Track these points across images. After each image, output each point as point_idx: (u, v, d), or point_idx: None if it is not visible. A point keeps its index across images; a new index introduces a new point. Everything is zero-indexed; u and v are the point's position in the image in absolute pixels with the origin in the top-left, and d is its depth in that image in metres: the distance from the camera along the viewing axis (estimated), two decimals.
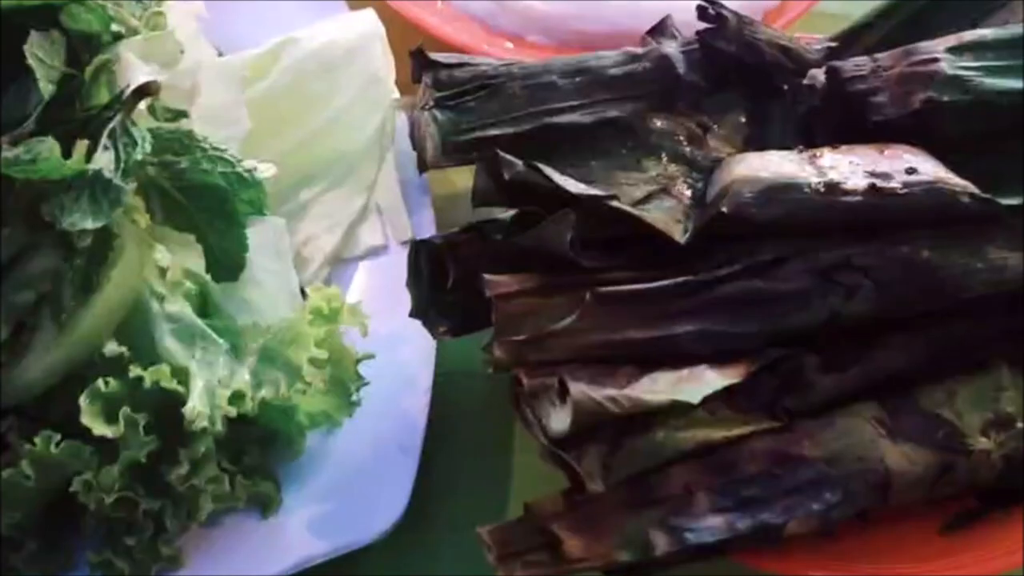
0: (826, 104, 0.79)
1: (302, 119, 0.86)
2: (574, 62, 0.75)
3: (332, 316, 0.69)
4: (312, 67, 0.86)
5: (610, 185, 0.74)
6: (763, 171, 0.74)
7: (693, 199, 0.76)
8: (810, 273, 0.72)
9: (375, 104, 0.87)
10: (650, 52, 0.76)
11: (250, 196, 0.73)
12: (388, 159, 0.87)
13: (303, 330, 0.67)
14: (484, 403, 0.81)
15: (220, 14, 0.90)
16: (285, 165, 0.85)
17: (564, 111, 0.74)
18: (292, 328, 0.68)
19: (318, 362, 0.68)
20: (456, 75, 0.74)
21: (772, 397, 0.72)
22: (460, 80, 0.74)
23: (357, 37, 0.87)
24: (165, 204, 0.72)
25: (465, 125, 0.72)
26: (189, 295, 0.75)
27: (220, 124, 0.78)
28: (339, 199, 0.86)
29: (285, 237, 0.74)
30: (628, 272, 0.72)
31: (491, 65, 0.75)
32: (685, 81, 0.76)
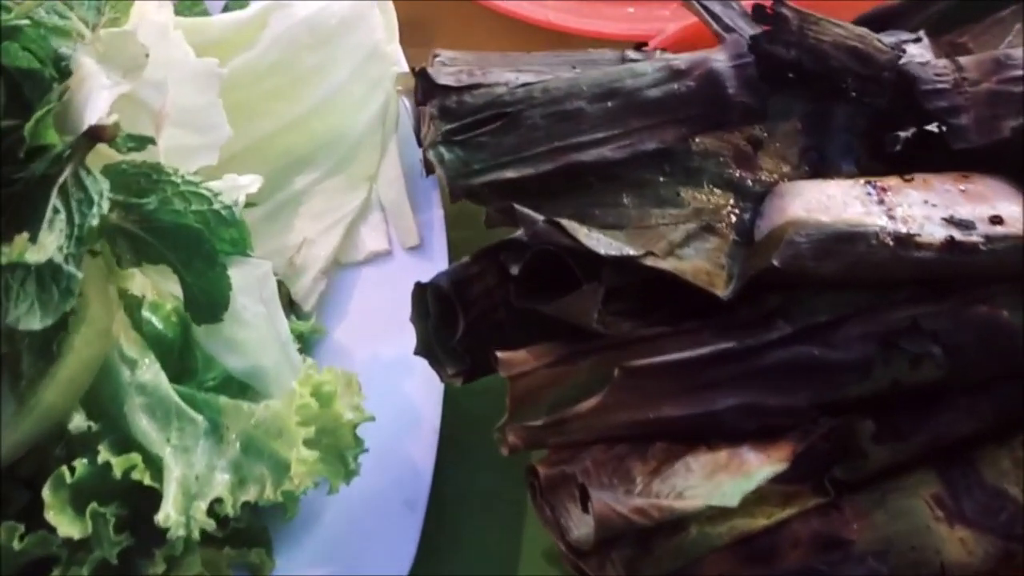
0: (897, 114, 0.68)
1: (293, 95, 0.76)
2: (605, 82, 0.64)
3: (325, 401, 0.61)
4: (303, 37, 0.75)
5: (644, 228, 0.64)
6: (822, 213, 0.63)
7: (739, 234, 0.66)
8: (871, 338, 0.63)
9: (376, 82, 0.76)
10: (694, 68, 0.64)
11: (231, 235, 0.64)
12: (391, 147, 0.76)
13: (290, 425, 0.59)
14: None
15: None
16: (275, 145, 0.76)
17: (592, 145, 0.63)
18: (279, 419, 0.60)
19: (309, 443, 0.60)
20: (467, 102, 0.63)
21: (820, 466, 0.64)
22: (471, 108, 0.63)
23: (353, 3, 0.75)
24: (133, 247, 0.63)
25: (477, 165, 0.62)
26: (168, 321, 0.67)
27: (196, 130, 0.68)
28: (337, 190, 0.76)
29: (271, 282, 0.65)
30: (662, 328, 0.63)
31: (508, 87, 0.63)
32: (736, 102, 0.64)
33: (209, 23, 0.76)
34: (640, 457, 0.62)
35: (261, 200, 0.77)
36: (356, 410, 0.61)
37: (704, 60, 0.64)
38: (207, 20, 0.76)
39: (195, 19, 0.77)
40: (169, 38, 0.65)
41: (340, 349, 0.73)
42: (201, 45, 0.75)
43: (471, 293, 0.65)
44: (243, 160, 0.75)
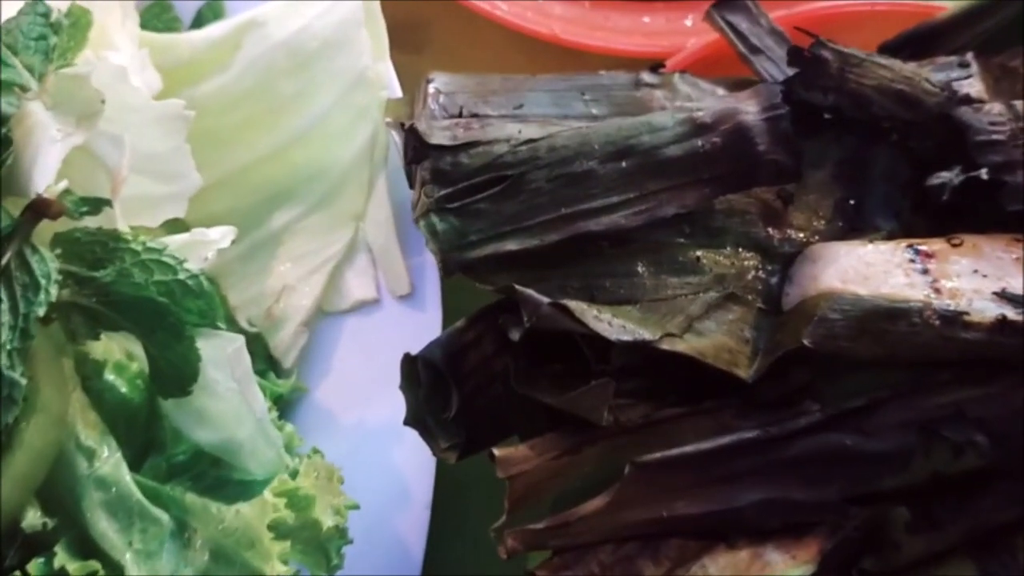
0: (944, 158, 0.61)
1: (270, 125, 0.69)
2: (619, 139, 0.57)
3: (302, 507, 0.54)
4: (281, 61, 0.67)
5: (660, 300, 0.57)
6: (860, 284, 0.57)
7: (766, 301, 0.60)
8: (910, 426, 0.56)
9: (362, 111, 0.68)
10: (720, 122, 0.57)
11: (198, 306, 0.57)
12: (379, 184, 0.69)
13: (263, 537, 0.53)
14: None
15: None
16: (251, 178, 0.69)
17: (604, 211, 0.56)
18: (250, 529, 0.53)
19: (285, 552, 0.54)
20: (463, 163, 0.56)
21: (849, 558, 0.58)
22: (468, 170, 0.56)
23: (337, 24, 0.67)
24: (89, 321, 0.56)
25: (474, 235, 0.55)
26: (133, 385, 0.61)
27: (162, 178, 0.61)
28: (320, 229, 0.69)
29: (244, 359, 0.58)
30: (678, 409, 0.57)
31: (509, 145, 0.56)
32: (767, 160, 0.57)
33: (178, 41, 0.68)
34: (651, 557, 0.56)
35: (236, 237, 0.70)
36: (338, 514, 0.55)
37: (731, 112, 0.57)
38: (176, 38, 0.69)
39: (163, 37, 0.69)
40: (128, 81, 0.58)
41: (323, 411, 0.67)
42: (169, 67, 0.68)
43: (466, 364, 0.59)
44: (215, 193, 0.68)
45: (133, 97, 0.59)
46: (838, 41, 0.71)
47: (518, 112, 0.64)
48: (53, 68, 0.54)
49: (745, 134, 0.57)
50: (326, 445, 0.65)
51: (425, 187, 0.55)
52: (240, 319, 0.67)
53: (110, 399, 0.60)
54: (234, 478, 0.61)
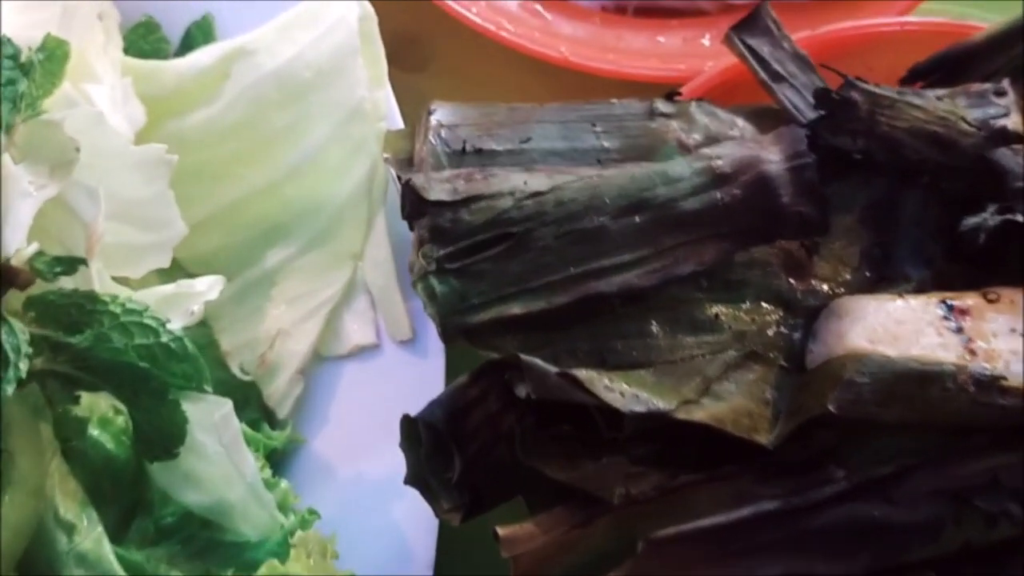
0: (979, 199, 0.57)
1: (262, 159, 0.65)
2: (632, 191, 0.53)
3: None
4: (272, 93, 0.63)
5: (676, 362, 0.53)
6: (889, 344, 0.53)
7: (788, 358, 0.56)
8: (942, 496, 0.53)
9: (359, 145, 0.64)
10: (741, 172, 0.53)
11: (183, 370, 0.53)
12: (378, 222, 0.65)
13: None
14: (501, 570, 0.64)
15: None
16: (242, 214, 0.66)
17: (616, 270, 0.52)
18: None
19: None
20: (464, 220, 0.52)
21: None
22: (469, 228, 0.52)
23: (332, 52, 0.63)
24: (66, 386, 0.53)
25: (476, 298, 0.51)
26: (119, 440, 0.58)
27: (144, 227, 0.57)
28: (316, 269, 0.65)
29: (232, 424, 0.54)
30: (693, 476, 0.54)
31: (514, 198, 0.52)
32: (791, 212, 0.53)
33: (163, 69, 0.64)
34: None
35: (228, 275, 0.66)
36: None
37: (753, 161, 0.53)
38: (161, 66, 0.65)
39: (148, 64, 0.65)
40: (105, 125, 0.54)
41: (319, 462, 0.63)
42: (154, 96, 0.64)
43: (469, 423, 0.56)
44: (204, 231, 0.64)
45: (111, 141, 0.55)
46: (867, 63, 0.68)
47: (525, 146, 0.61)
48: (22, 118, 0.51)
49: (768, 185, 0.53)
50: (323, 500, 0.62)
51: (424, 247, 0.51)
52: (232, 365, 0.64)
53: (94, 457, 0.57)
54: (226, 540, 0.58)
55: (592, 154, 0.61)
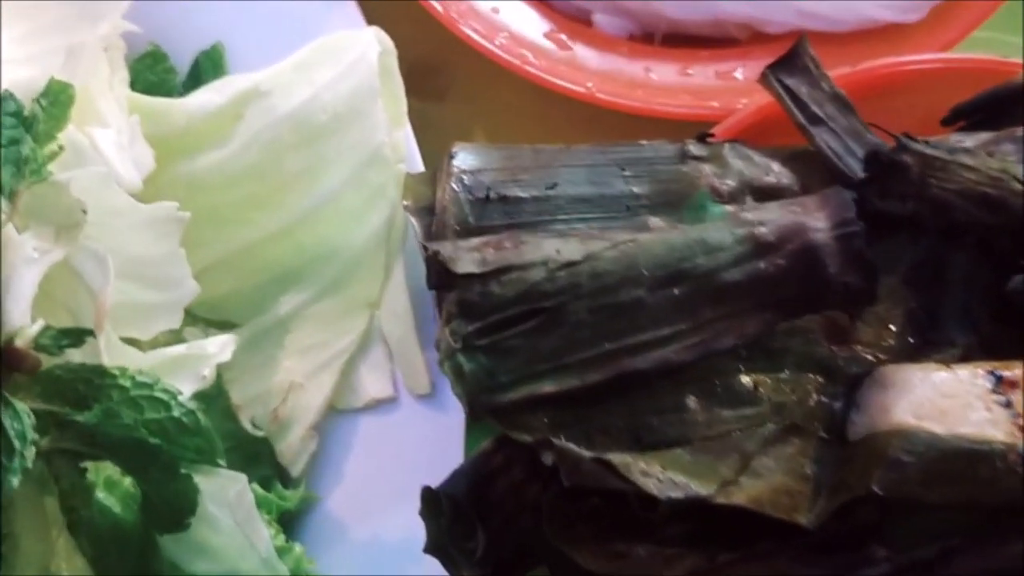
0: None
1: (275, 203, 0.62)
2: (671, 262, 0.50)
3: None
4: (287, 135, 0.60)
5: (713, 439, 0.51)
6: (936, 421, 0.50)
7: (828, 429, 0.53)
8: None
9: (378, 190, 0.61)
10: (786, 240, 0.50)
11: (195, 444, 0.51)
12: (397, 271, 0.62)
13: None
14: None
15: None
16: (254, 258, 0.63)
17: (653, 346, 0.49)
18: None
19: None
20: (494, 293, 0.49)
21: None
22: (499, 301, 0.49)
23: (350, 94, 0.60)
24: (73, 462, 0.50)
25: (506, 376, 0.48)
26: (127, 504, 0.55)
27: (154, 286, 0.55)
28: (331, 317, 0.63)
29: (247, 499, 0.52)
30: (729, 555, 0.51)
31: (547, 269, 0.49)
32: (837, 283, 0.50)
33: (172, 108, 0.61)
34: None
35: (239, 321, 0.64)
36: None
37: (798, 229, 0.50)
38: (170, 105, 0.62)
39: (156, 102, 0.62)
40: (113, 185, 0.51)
41: (334, 522, 0.61)
42: (163, 137, 0.61)
43: (493, 493, 0.53)
44: (214, 275, 0.62)
45: (120, 200, 0.52)
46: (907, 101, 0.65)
47: (551, 193, 0.58)
48: (26, 184, 0.48)
49: (814, 255, 0.50)
50: (338, 562, 0.59)
51: (451, 323, 0.48)
52: (243, 419, 0.61)
53: (101, 524, 0.55)
54: None
55: (621, 200, 0.58)
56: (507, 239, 0.50)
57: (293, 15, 0.67)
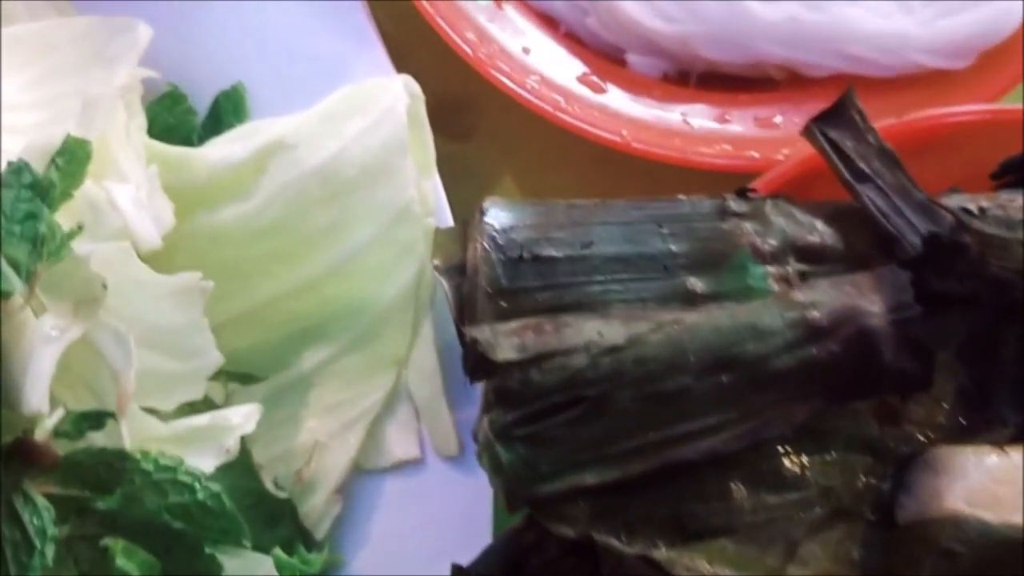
0: None
1: (300, 257, 0.59)
2: (719, 348, 0.48)
3: None
4: (313, 190, 0.58)
5: (759, 526, 0.49)
6: (988, 508, 0.49)
7: (875, 510, 0.51)
8: None
9: (406, 248, 0.59)
10: (839, 325, 0.48)
11: (220, 526, 0.49)
12: (425, 329, 0.60)
13: None
14: None
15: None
16: (277, 312, 0.61)
17: (699, 435, 0.47)
18: None
19: None
20: (534, 380, 0.47)
21: None
22: (540, 389, 0.47)
23: (379, 148, 0.57)
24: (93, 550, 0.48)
25: (546, 467, 0.46)
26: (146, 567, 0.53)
27: (176, 355, 0.53)
28: (356, 374, 0.61)
29: None
30: None
31: (589, 355, 0.47)
32: (893, 370, 0.48)
33: (192, 159, 0.59)
34: None
35: (261, 375, 0.62)
36: None
37: (852, 313, 0.48)
38: (190, 155, 0.59)
39: (175, 151, 0.60)
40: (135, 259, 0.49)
41: None
42: (182, 188, 0.59)
43: (527, 572, 0.51)
44: (235, 328, 0.60)
45: (141, 271, 0.50)
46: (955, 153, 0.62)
47: (586, 252, 0.56)
48: (45, 265, 0.45)
49: (869, 341, 0.48)
50: None
51: (491, 412, 0.46)
52: (265, 479, 0.59)
53: None
54: None
55: (659, 259, 0.56)
56: (547, 321, 0.48)
57: (317, 55, 0.64)
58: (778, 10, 0.64)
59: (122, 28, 0.61)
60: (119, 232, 0.54)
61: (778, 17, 0.64)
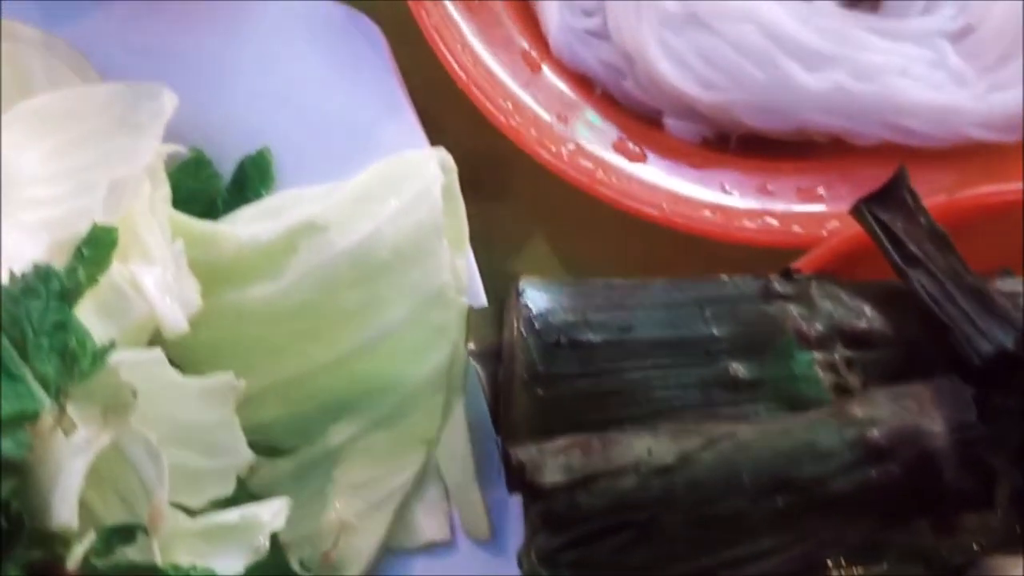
0: None
1: (329, 337, 0.58)
2: (775, 468, 0.46)
3: None
4: (344, 272, 0.56)
5: None
6: None
7: None
8: None
9: (440, 330, 0.57)
10: (899, 445, 0.46)
11: None
12: (457, 411, 0.58)
13: None
14: None
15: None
16: (304, 387, 0.59)
17: (752, 559, 0.45)
18: None
19: None
20: (582, 504, 0.45)
21: None
22: (587, 512, 0.45)
23: (412, 230, 0.55)
24: None
25: None
26: None
27: (206, 453, 0.51)
28: (385, 452, 0.59)
29: None
30: None
31: (638, 476, 0.45)
32: (954, 489, 0.47)
33: (219, 236, 0.57)
34: None
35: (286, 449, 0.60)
36: None
37: (912, 433, 0.46)
38: (217, 232, 0.57)
39: (202, 226, 0.58)
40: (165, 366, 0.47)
41: None
42: (208, 265, 0.57)
43: None
44: (260, 401, 0.58)
45: (172, 375, 0.48)
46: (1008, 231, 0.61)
47: (626, 337, 0.54)
48: (75, 383, 0.43)
49: (931, 462, 0.46)
50: None
51: (536, 537, 0.44)
52: (291, 559, 0.58)
53: None
54: None
55: (701, 344, 0.55)
56: (595, 439, 0.47)
57: (346, 120, 0.62)
58: (824, 79, 0.62)
59: (147, 95, 0.58)
60: (145, 318, 0.53)
61: (824, 86, 0.62)
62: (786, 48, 0.62)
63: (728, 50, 0.62)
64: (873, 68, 0.62)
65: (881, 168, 0.62)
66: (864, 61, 0.62)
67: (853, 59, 0.62)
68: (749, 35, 0.62)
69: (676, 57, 0.63)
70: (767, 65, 0.62)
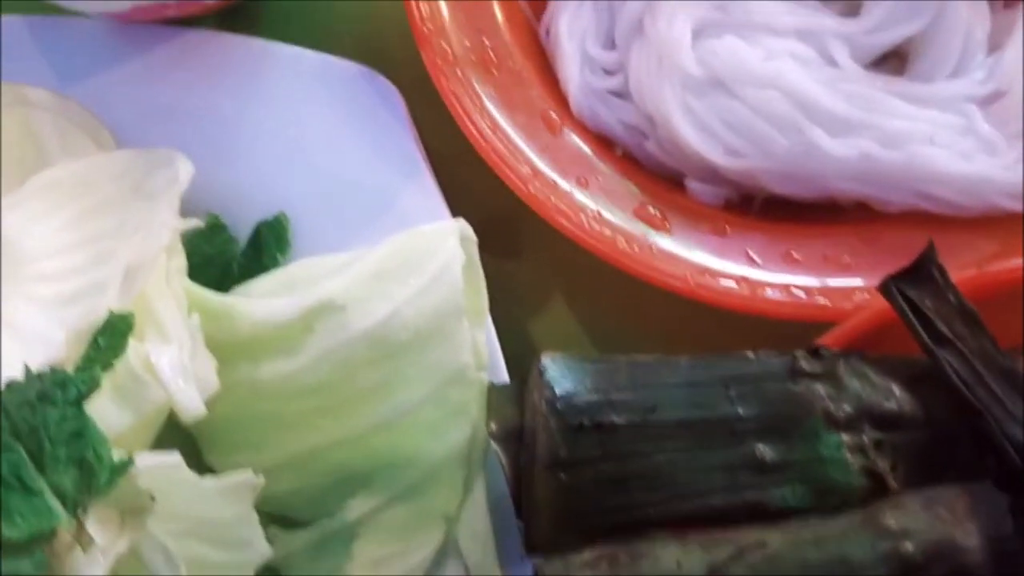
0: None
1: (347, 414, 0.57)
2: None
3: None
4: (362, 352, 0.55)
5: None
6: None
7: None
8: None
9: (460, 409, 0.56)
10: (935, 558, 0.45)
11: None
12: (478, 488, 0.57)
13: None
14: None
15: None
16: (322, 460, 0.58)
17: None
18: None
19: None
20: None
21: None
22: None
23: (432, 312, 0.54)
24: None
25: None
26: None
27: (224, 546, 0.50)
28: (404, 527, 0.58)
29: None
30: None
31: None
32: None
33: (235, 311, 0.56)
34: None
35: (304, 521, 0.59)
36: None
37: (947, 547, 0.45)
38: (233, 307, 0.56)
39: (217, 300, 0.57)
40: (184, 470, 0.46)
41: None
42: (224, 339, 0.56)
43: None
44: (277, 475, 0.57)
45: (190, 476, 0.47)
46: None
47: (651, 418, 0.54)
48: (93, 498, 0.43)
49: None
50: None
51: None
52: None
53: None
54: None
55: (726, 424, 0.54)
56: (622, 552, 0.46)
57: (363, 183, 0.61)
58: (850, 146, 0.60)
59: (162, 162, 0.57)
60: (162, 403, 0.52)
61: (851, 154, 0.60)
62: (811, 114, 0.61)
63: (752, 116, 0.61)
64: (900, 135, 0.61)
65: (909, 233, 0.62)
66: (891, 128, 0.61)
67: (879, 126, 0.61)
68: (773, 101, 0.61)
69: (699, 122, 0.62)
70: (791, 131, 0.61)
